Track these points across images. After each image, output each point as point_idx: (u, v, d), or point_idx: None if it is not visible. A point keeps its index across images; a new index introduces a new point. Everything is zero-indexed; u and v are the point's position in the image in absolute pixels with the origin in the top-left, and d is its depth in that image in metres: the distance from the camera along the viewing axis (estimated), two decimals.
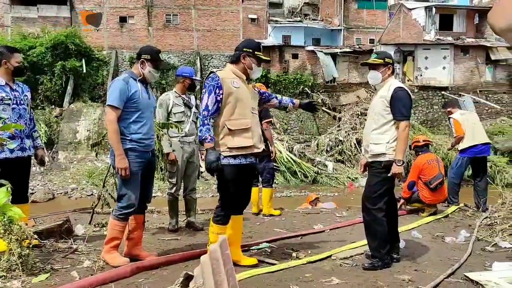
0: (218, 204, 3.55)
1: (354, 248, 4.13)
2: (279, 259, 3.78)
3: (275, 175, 8.16)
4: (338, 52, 26.15)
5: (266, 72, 23.80)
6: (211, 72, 3.49)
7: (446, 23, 26.59)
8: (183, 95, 4.97)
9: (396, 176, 3.59)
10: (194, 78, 5.05)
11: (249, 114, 3.47)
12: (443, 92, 24.34)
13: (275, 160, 7.26)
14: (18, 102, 3.94)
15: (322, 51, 25.82)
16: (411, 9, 27.08)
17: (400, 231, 4.12)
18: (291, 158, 17.81)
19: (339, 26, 30.76)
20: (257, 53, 3.54)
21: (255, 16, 28.20)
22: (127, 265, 3.38)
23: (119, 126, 3.49)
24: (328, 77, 25.36)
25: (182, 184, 5.00)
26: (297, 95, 23.58)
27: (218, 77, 3.40)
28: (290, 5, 35.23)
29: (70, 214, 5.85)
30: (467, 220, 5.63)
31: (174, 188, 4.91)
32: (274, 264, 3.59)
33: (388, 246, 3.64)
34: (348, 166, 18.61)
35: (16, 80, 4.04)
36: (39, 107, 20.99)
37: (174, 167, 4.84)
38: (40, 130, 17.96)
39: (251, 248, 4.13)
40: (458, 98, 23.13)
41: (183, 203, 5.08)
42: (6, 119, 3.78)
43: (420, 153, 6.13)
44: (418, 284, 3.18)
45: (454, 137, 6.60)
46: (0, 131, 3.58)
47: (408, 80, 24.94)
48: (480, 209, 6.19)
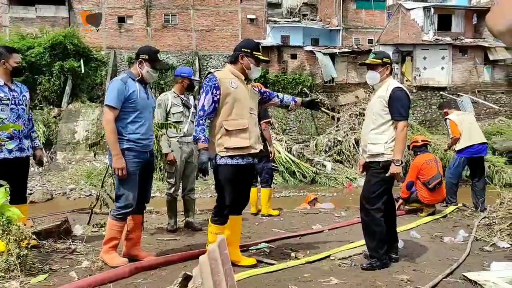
0: (216, 204, 3.55)
1: (353, 248, 4.14)
2: (278, 259, 3.78)
3: (274, 175, 8.15)
4: (336, 52, 26.16)
5: (264, 72, 23.78)
6: (209, 73, 3.49)
7: (445, 23, 26.63)
8: (181, 95, 4.97)
9: (394, 176, 3.60)
10: (193, 78, 5.05)
11: (246, 114, 3.47)
12: (441, 92, 24.36)
13: (274, 160, 7.25)
14: (16, 102, 3.94)
15: (320, 51, 25.84)
16: (409, 9, 27.10)
17: (398, 231, 4.13)
18: (290, 158, 17.78)
19: (337, 26, 30.76)
20: (255, 53, 3.53)
21: (253, 16, 28.15)
22: (126, 265, 3.38)
23: (117, 126, 3.49)
24: (326, 77, 25.37)
25: (180, 185, 5.00)
26: (296, 95, 23.55)
27: (216, 77, 3.40)
28: (288, 5, 35.23)
29: (69, 214, 5.83)
30: (465, 220, 5.64)
31: (173, 189, 4.91)
32: (273, 264, 3.59)
33: (386, 246, 3.65)
34: (346, 166, 18.58)
35: (15, 80, 4.04)
36: (38, 108, 20.92)
37: (173, 168, 4.84)
38: (39, 131, 17.91)
39: (250, 248, 4.13)
40: (456, 98, 23.21)
41: (181, 204, 5.08)
42: (5, 119, 3.78)
43: (418, 153, 6.14)
44: (417, 284, 3.19)
45: (451, 138, 6.61)
46: None
47: (406, 80, 24.96)
48: (479, 209, 6.21)
